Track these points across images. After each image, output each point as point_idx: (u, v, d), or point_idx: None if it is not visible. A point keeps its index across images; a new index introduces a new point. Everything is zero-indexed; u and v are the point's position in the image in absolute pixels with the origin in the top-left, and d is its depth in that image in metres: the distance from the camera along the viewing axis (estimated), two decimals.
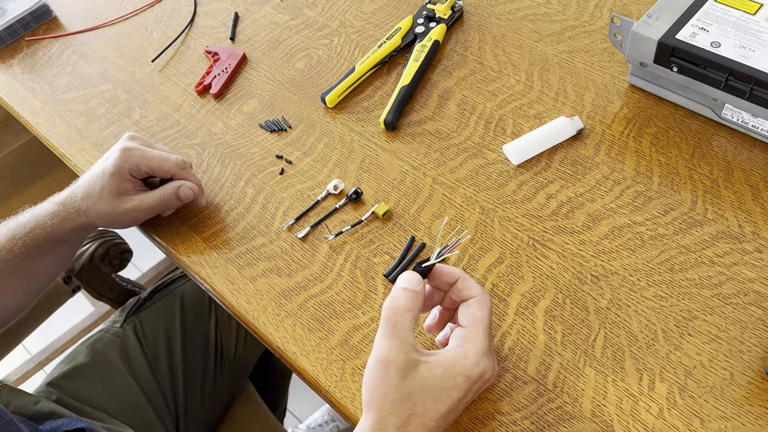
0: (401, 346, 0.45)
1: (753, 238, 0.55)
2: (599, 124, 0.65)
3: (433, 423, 0.45)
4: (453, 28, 0.77)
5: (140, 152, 0.62)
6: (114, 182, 0.61)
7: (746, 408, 0.48)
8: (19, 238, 0.62)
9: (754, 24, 0.58)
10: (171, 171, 0.63)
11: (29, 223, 0.62)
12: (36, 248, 0.62)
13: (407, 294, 0.46)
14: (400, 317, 0.45)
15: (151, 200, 0.62)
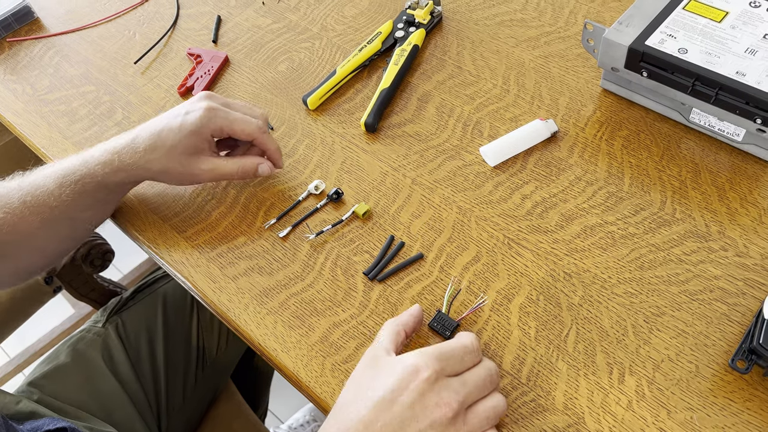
0: (378, 345, 0.50)
1: (719, 237, 0.58)
2: (573, 127, 0.67)
3: (364, 411, 0.45)
4: (432, 33, 0.79)
5: (224, 114, 0.61)
6: (192, 140, 0.60)
7: (711, 399, 0.50)
8: (67, 185, 0.60)
9: (719, 31, 0.61)
10: (253, 135, 0.62)
11: (79, 171, 0.60)
12: (84, 197, 0.61)
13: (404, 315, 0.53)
14: (388, 326, 0.51)
15: (229, 168, 0.62)
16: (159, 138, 0.60)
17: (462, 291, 0.58)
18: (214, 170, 0.62)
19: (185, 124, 0.60)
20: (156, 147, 0.60)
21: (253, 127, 0.62)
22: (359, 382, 0.48)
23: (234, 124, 0.61)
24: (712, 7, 0.63)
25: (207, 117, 0.60)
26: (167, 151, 0.60)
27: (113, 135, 0.76)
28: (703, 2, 0.63)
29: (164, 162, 0.60)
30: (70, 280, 0.87)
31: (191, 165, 0.61)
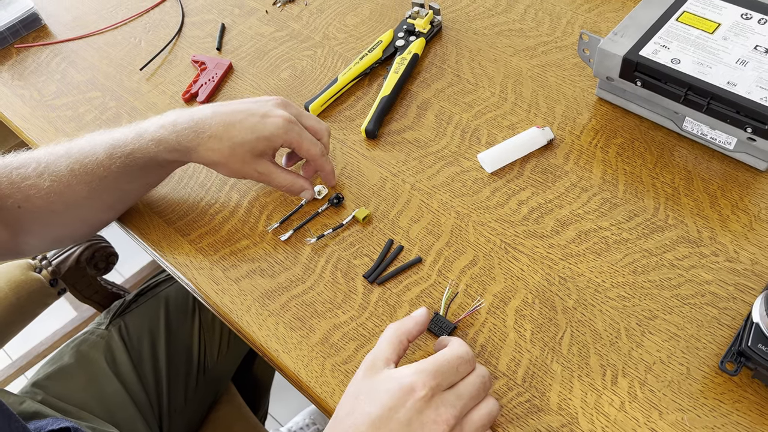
0: (378, 352, 0.50)
1: (710, 243, 0.59)
2: (569, 134, 0.69)
3: (363, 428, 0.45)
4: (432, 42, 0.81)
5: (299, 130, 0.62)
6: (262, 145, 0.60)
7: (701, 401, 0.51)
8: (117, 157, 0.60)
9: (711, 42, 0.62)
10: (314, 157, 0.63)
11: (131, 144, 0.60)
12: (134, 169, 0.61)
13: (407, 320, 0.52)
14: (390, 331, 0.51)
15: (281, 180, 0.63)
16: (228, 131, 0.60)
17: (459, 294, 0.59)
18: (268, 176, 0.63)
19: (261, 128, 0.60)
20: (223, 138, 0.60)
21: (317, 150, 0.63)
22: (357, 395, 0.48)
23: (303, 143, 0.62)
24: (705, 19, 0.64)
25: (284, 129, 0.61)
26: (232, 146, 0.60)
27: None
28: (696, 14, 0.65)
29: (226, 155, 0.60)
30: (75, 282, 0.89)
31: (250, 164, 0.61)
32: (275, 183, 0.64)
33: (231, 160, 0.61)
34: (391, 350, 0.50)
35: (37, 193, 0.60)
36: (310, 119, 0.65)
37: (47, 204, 0.60)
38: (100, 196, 0.62)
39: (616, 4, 0.80)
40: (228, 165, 0.61)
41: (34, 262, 0.86)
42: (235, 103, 0.63)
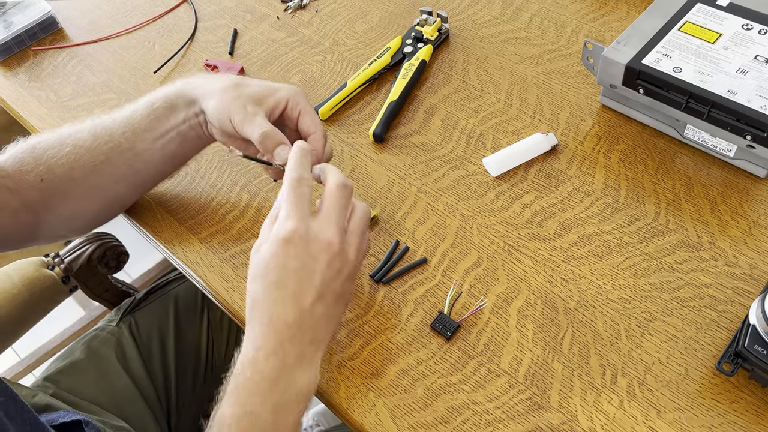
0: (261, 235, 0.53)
1: (709, 247, 0.60)
2: (572, 140, 0.70)
3: (274, 294, 0.49)
4: (439, 49, 0.82)
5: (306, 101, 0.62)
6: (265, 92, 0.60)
7: (699, 400, 0.52)
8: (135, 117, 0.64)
9: (713, 52, 0.64)
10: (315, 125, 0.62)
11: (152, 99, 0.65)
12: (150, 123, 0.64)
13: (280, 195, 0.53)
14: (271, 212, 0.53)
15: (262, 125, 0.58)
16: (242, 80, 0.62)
17: (463, 294, 0.60)
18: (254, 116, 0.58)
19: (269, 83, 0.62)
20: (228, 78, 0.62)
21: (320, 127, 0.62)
22: (254, 277, 0.51)
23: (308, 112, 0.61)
24: (707, 29, 0.66)
25: (294, 90, 0.61)
26: (237, 81, 0.61)
27: None
28: (698, 24, 0.66)
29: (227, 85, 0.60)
30: (86, 280, 0.90)
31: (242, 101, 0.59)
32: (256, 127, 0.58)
33: (228, 92, 0.59)
34: (266, 232, 0.52)
35: (59, 160, 0.62)
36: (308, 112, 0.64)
37: (67, 171, 0.62)
38: (116, 161, 0.63)
39: (620, 13, 0.81)
40: (223, 95, 0.59)
41: (47, 260, 0.88)
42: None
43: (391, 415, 0.55)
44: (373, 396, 0.56)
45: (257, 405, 0.47)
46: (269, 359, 0.48)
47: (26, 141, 0.65)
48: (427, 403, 0.55)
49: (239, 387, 0.48)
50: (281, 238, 0.49)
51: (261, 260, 0.50)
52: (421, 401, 0.55)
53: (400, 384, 0.56)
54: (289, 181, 0.52)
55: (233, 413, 0.47)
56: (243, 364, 0.49)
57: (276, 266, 0.49)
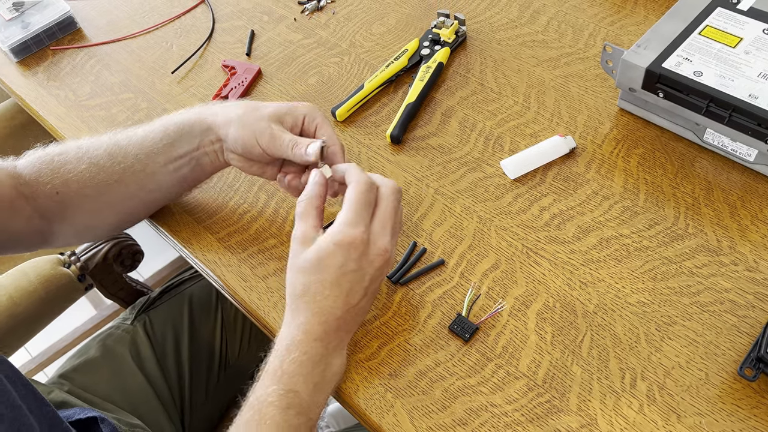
0: (304, 226, 0.55)
1: (729, 252, 0.60)
2: (591, 143, 0.70)
3: (327, 291, 0.53)
4: (456, 52, 0.83)
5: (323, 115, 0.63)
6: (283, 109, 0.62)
7: (719, 405, 0.52)
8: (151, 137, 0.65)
9: (734, 56, 0.64)
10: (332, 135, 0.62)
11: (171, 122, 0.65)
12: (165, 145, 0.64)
13: (308, 187, 0.56)
14: (304, 205, 0.55)
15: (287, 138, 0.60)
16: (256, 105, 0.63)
17: (481, 296, 0.60)
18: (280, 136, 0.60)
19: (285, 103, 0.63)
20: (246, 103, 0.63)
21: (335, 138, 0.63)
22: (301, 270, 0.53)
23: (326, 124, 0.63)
24: (727, 33, 0.66)
25: (310, 106, 0.63)
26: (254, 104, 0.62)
27: None
28: (718, 28, 0.66)
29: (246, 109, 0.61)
30: (101, 278, 0.91)
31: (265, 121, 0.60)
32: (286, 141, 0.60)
33: (248, 116, 0.61)
34: (311, 221, 0.54)
35: (75, 177, 0.63)
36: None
37: (82, 187, 0.63)
38: (128, 181, 0.64)
39: (638, 17, 0.81)
40: (243, 121, 0.61)
41: (63, 258, 0.89)
42: None
43: (409, 416, 0.55)
44: (391, 397, 0.56)
45: (300, 384, 0.51)
46: (315, 344, 0.53)
47: (45, 151, 0.65)
48: (446, 405, 0.55)
49: (283, 367, 0.52)
50: (346, 242, 0.52)
51: (318, 256, 0.53)
52: (440, 403, 0.55)
53: (418, 385, 0.56)
54: (358, 185, 0.54)
55: (276, 390, 0.51)
56: (289, 346, 0.52)
57: (334, 265, 0.52)
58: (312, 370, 0.52)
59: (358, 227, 0.53)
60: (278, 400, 0.50)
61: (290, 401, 0.51)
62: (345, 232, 0.52)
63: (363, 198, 0.54)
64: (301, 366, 0.52)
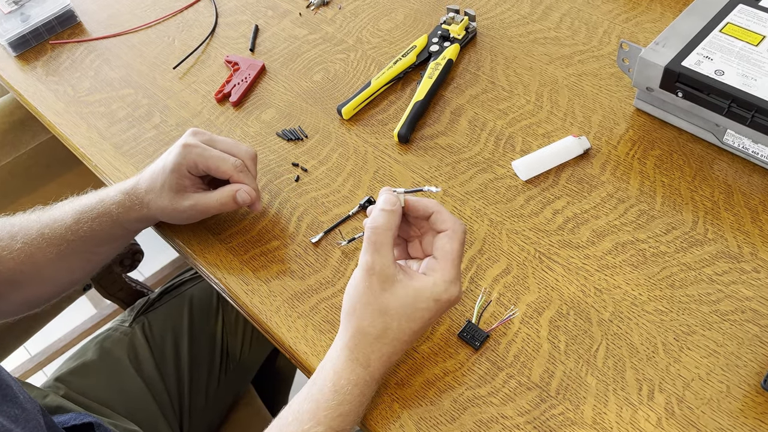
0: (383, 260, 0.50)
1: (751, 259, 0.58)
2: (605, 144, 0.68)
3: (405, 338, 0.50)
4: (466, 48, 0.80)
5: (200, 150, 0.61)
6: (173, 178, 0.61)
7: (741, 420, 0.49)
8: (85, 222, 0.63)
9: (756, 55, 0.61)
10: (228, 173, 0.62)
11: (96, 209, 0.63)
12: (100, 233, 0.63)
13: (385, 214, 0.51)
14: (381, 235, 0.50)
15: (209, 202, 0.62)
16: (151, 179, 0.62)
17: (492, 303, 0.58)
18: (196, 205, 0.62)
19: (166, 163, 0.62)
20: (151, 188, 0.62)
21: (228, 166, 0.61)
22: (385, 311, 0.49)
23: (209, 161, 0.61)
24: (749, 31, 0.63)
25: (182, 154, 0.61)
26: (158, 191, 0.62)
27: (150, 137, 0.78)
28: (740, 26, 0.64)
29: (158, 202, 0.62)
30: (100, 279, 0.89)
31: (178, 203, 0.62)
32: (209, 206, 0.62)
33: (164, 205, 0.62)
34: (390, 252, 0.50)
35: (9, 254, 0.62)
36: (224, 143, 0.64)
37: (17, 265, 0.63)
38: (68, 258, 0.64)
39: (654, 14, 0.79)
40: (165, 210, 0.63)
41: None
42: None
43: (417, 427, 0.52)
44: (398, 407, 0.54)
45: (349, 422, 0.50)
46: (375, 384, 0.52)
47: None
48: (455, 416, 0.52)
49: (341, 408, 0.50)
50: (445, 300, 0.50)
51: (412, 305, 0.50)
52: (448, 414, 0.53)
53: (426, 395, 0.54)
54: (458, 236, 0.51)
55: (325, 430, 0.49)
56: (353, 389, 0.50)
57: (425, 318, 0.50)
58: (364, 408, 0.52)
59: (457, 285, 0.50)
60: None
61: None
62: (447, 291, 0.50)
63: (461, 250, 0.51)
64: (356, 407, 0.50)
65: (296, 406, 0.51)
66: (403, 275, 0.50)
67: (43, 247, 0.63)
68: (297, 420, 0.50)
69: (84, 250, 0.64)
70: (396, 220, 0.51)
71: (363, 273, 0.50)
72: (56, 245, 0.63)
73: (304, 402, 0.50)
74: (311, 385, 0.51)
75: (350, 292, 0.51)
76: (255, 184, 0.64)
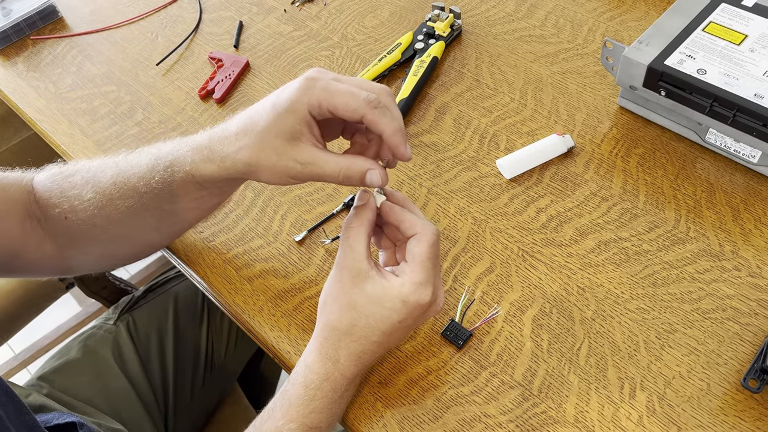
0: (355, 255, 0.49)
1: (732, 257, 0.58)
2: (589, 143, 0.68)
3: (375, 338, 0.49)
4: (451, 46, 0.80)
5: (324, 84, 0.47)
6: (287, 120, 0.47)
7: (722, 418, 0.50)
8: (158, 171, 0.53)
9: (738, 54, 0.62)
10: (359, 111, 0.47)
11: (171, 155, 0.53)
12: (172, 186, 0.53)
13: (358, 211, 0.50)
14: (354, 231, 0.50)
15: (330, 168, 0.48)
16: (251, 120, 0.49)
17: (475, 301, 0.58)
18: (313, 165, 0.48)
19: (279, 101, 0.48)
20: (247, 130, 0.49)
21: (360, 101, 0.47)
22: (353, 306, 0.49)
23: (335, 97, 0.47)
24: (732, 30, 0.63)
25: (303, 88, 0.47)
26: (259, 135, 0.48)
27: (133, 135, 0.77)
28: (722, 25, 0.64)
29: (256, 150, 0.48)
30: (83, 277, 0.88)
31: (287, 153, 0.48)
32: (325, 173, 0.49)
33: (264, 155, 0.48)
34: (363, 248, 0.49)
35: (80, 204, 0.56)
36: (353, 80, 0.50)
37: (89, 217, 0.56)
38: (141, 214, 0.56)
39: (639, 12, 0.79)
40: (263, 163, 0.49)
41: None
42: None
43: (400, 426, 0.52)
44: (381, 406, 0.54)
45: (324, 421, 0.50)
46: (347, 383, 0.51)
47: (60, 168, 0.59)
48: (438, 415, 0.52)
49: (312, 405, 0.49)
50: (413, 302, 0.48)
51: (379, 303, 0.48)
52: (431, 413, 0.53)
53: (409, 394, 0.54)
54: (430, 238, 0.49)
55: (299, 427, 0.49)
56: (322, 384, 0.50)
57: (393, 320, 0.49)
58: (338, 406, 0.51)
59: (427, 288, 0.48)
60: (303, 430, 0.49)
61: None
62: (415, 293, 0.48)
63: (434, 253, 0.49)
64: (330, 403, 0.50)
65: (271, 404, 0.51)
66: (376, 273, 0.49)
67: (114, 198, 0.55)
68: (271, 417, 0.50)
69: (156, 206, 0.55)
70: (369, 216, 0.50)
71: (335, 267, 0.50)
72: (127, 198, 0.54)
73: (278, 399, 0.51)
74: (287, 382, 0.51)
75: (324, 287, 0.51)
76: (397, 124, 0.48)
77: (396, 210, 0.51)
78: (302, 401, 0.49)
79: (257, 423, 0.51)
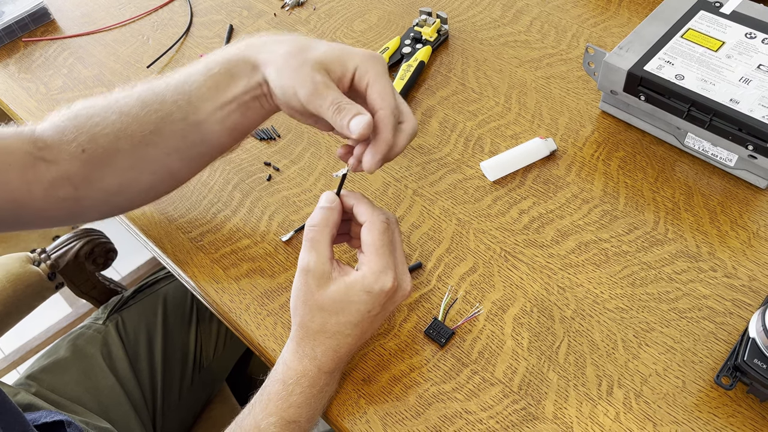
0: (318, 258, 0.50)
1: (709, 258, 0.59)
2: (571, 146, 0.69)
3: (348, 331, 0.51)
4: (438, 51, 0.81)
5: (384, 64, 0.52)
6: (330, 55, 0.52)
7: (696, 414, 0.51)
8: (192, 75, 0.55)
9: (715, 60, 0.63)
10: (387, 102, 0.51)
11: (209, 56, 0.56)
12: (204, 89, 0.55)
13: (322, 211, 0.51)
14: (317, 233, 0.51)
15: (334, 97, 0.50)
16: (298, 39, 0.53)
17: (458, 300, 0.59)
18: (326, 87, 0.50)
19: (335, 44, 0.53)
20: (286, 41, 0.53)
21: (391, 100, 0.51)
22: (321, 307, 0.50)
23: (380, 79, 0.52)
24: (710, 37, 0.65)
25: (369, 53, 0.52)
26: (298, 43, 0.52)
27: None
28: (700, 32, 0.66)
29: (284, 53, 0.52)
30: (73, 277, 0.88)
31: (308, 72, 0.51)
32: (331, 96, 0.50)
33: (291, 59, 0.51)
34: (326, 249, 0.51)
35: (103, 129, 0.55)
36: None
37: (112, 141, 0.55)
38: (165, 131, 0.56)
39: (622, 19, 0.80)
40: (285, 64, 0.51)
41: (33, 256, 0.86)
42: None
43: (383, 423, 0.53)
44: (364, 403, 0.55)
45: (303, 415, 0.52)
46: (325, 377, 0.52)
47: (69, 108, 0.57)
48: (420, 412, 0.54)
49: (290, 399, 0.51)
50: (377, 291, 0.49)
51: (345, 299, 0.50)
52: (414, 409, 0.54)
53: (392, 391, 0.55)
54: (377, 226, 0.50)
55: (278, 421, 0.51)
56: (299, 378, 0.51)
57: (361, 311, 0.50)
58: (318, 401, 0.52)
59: (388, 274, 0.50)
60: (280, 430, 0.51)
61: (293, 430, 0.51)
62: (378, 281, 0.49)
63: (386, 239, 0.50)
64: (308, 398, 0.51)
65: (252, 401, 0.52)
66: (338, 272, 0.50)
67: (140, 115, 0.55)
68: (251, 413, 0.51)
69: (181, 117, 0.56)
70: (333, 217, 0.51)
71: (299, 272, 0.51)
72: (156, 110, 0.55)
73: (258, 396, 0.52)
74: (267, 379, 0.53)
75: (293, 290, 0.52)
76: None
77: (350, 197, 0.53)
78: (281, 396, 0.51)
79: (239, 419, 0.52)
